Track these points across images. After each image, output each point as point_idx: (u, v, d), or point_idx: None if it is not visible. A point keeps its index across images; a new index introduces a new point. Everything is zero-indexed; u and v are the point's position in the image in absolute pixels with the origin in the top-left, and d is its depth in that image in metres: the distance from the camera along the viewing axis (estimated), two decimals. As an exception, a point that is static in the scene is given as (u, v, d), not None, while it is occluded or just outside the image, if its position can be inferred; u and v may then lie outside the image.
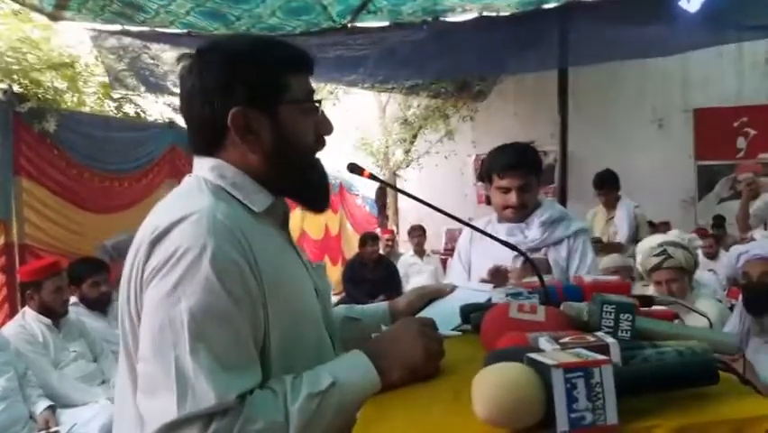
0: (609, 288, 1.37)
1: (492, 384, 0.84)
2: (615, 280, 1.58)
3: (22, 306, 4.02)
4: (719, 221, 7.80)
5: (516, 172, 2.42)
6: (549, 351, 0.91)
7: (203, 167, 1.23)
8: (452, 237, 9.96)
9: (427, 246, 8.32)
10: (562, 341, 0.95)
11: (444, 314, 1.48)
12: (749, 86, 9.52)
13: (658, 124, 9.96)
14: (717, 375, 0.91)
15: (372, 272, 7.16)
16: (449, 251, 9.60)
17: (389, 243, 8.49)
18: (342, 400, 1.10)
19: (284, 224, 1.33)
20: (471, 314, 1.41)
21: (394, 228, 10.27)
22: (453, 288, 1.67)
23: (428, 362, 1.16)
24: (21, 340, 3.73)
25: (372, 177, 1.62)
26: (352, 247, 9.56)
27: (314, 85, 1.31)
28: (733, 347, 1.18)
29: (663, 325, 1.19)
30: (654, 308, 1.40)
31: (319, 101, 1.30)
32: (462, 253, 2.65)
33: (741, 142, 9.54)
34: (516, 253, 1.67)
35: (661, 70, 9.57)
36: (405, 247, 9.07)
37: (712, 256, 6.24)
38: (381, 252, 7.72)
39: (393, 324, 1.47)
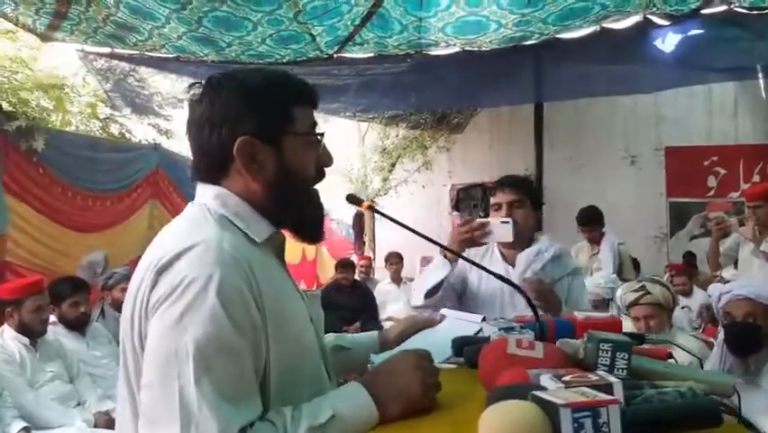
0: (601, 325, 1.38)
1: (500, 422, 0.84)
2: (606, 318, 1.58)
3: (1, 324, 3.93)
4: (690, 258, 7.89)
5: (507, 189, 2.64)
6: (553, 389, 0.91)
7: (206, 195, 1.24)
8: (427, 265, 9.98)
9: (403, 274, 8.26)
10: (564, 379, 0.94)
11: (434, 344, 1.47)
12: (719, 126, 9.70)
13: (630, 161, 10.14)
14: (721, 418, 0.93)
15: (348, 299, 7.06)
16: (424, 279, 9.62)
17: (364, 269, 8.41)
18: None
19: (279, 253, 1.33)
20: (465, 347, 1.42)
21: (371, 255, 10.31)
22: (443, 317, 1.70)
23: (426, 395, 1.17)
24: (-2, 359, 3.65)
25: (372, 209, 1.66)
26: (327, 272, 9.55)
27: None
28: (729, 388, 1.17)
29: (659, 364, 1.20)
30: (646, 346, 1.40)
31: (322, 134, 1.31)
32: (459, 265, 2.62)
33: (711, 181, 9.65)
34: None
35: (633, 109, 9.76)
36: (381, 274, 9.06)
37: (686, 293, 6.21)
38: (357, 278, 7.65)
39: (383, 353, 1.50)
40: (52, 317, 4.10)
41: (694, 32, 5.14)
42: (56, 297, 4.13)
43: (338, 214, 11.22)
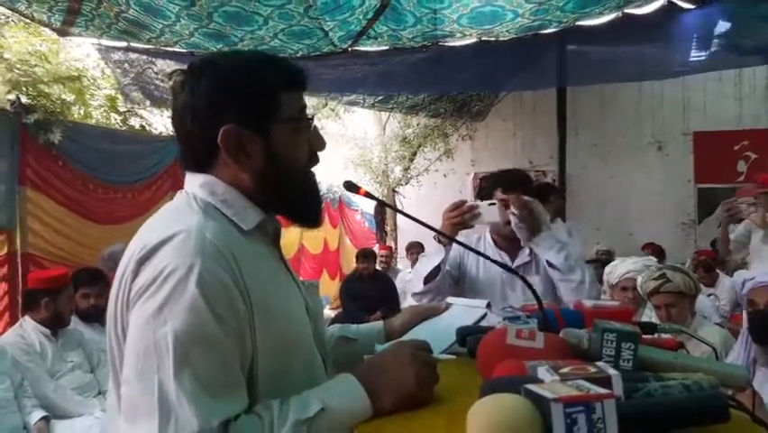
0: (611, 314, 1.31)
1: (487, 419, 0.80)
2: (617, 306, 1.51)
3: (23, 315, 3.99)
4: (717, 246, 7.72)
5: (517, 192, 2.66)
6: (548, 382, 0.86)
7: (193, 183, 1.20)
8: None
9: (425, 263, 8.25)
10: (561, 371, 0.89)
11: (438, 333, 1.45)
12: (749, 110, 9.52)
13: (657, 147, 9.98)
14: (728, 413, 0.87)
15: (369, 288, 7.10)
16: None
17: (384, 259, 8.39)
18: (331, 427, 1.06)
19: (275, 241, 1.29)
20: (468, 337, 1.36)
21: (392, 244, 10.29)
22: (448, 306, 1.65)
23: (421, 388, 1.11)
24: (18, 350, 3.69)
25: (368, 195, 1.60)
26: (350, 262, 9.59)
27: (315, 101, 1.28)
28: (743, 380, 1.11)
29: (667, 355, 1.14)
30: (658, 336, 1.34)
31: (312, 117, 1.26)
32: (454, 251, 2.69)
33: (741, 166, 9.51)
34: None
35: (660, 93, 9.60)
36: (403, 263, 9.05)
37: (710, 283, 6.00)
38: (378, 268, 7.66)
39: (388, 343, 1.43)
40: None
41: (722, 15, 5.00)
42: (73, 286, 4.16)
43: (361, 204, 11.23)
